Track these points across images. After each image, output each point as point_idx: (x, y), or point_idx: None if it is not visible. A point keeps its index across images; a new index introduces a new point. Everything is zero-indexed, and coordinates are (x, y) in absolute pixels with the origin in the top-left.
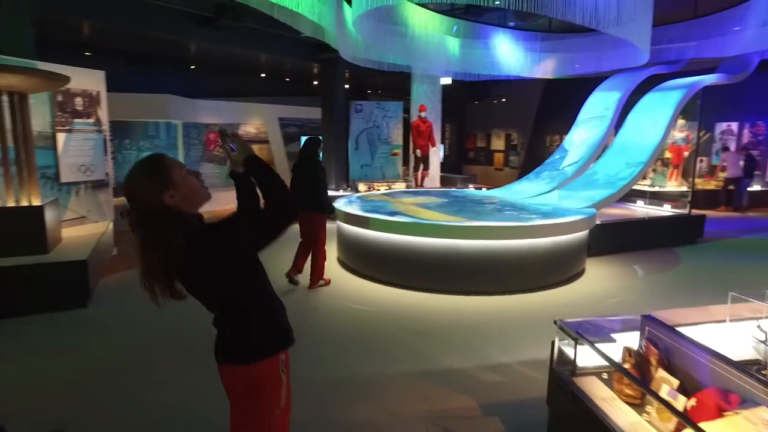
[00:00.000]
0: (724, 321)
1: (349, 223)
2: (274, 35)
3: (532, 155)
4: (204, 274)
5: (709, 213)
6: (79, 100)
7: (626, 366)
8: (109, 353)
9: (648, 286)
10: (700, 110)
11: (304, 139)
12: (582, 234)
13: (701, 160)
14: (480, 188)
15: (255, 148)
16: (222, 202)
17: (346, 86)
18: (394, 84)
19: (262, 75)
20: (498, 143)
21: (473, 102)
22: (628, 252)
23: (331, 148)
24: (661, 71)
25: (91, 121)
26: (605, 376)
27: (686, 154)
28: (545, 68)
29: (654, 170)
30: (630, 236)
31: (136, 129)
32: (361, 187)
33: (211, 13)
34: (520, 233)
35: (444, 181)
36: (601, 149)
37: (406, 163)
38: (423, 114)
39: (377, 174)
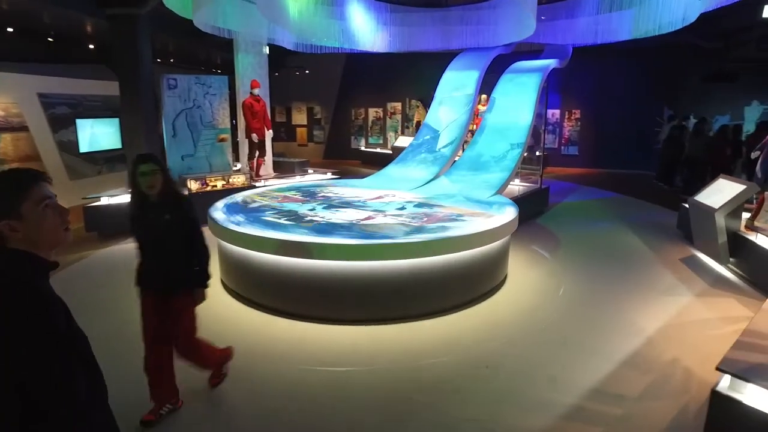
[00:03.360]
0: None
1: (281, 254)
2: None
3: (338, 129)
4: None
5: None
6: None
7: None
8: None
9: (565, 267)
10: (547, 91)
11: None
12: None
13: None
14: (325, 173)
15: (6, 137)
16: None
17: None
18: (189, 50)
19: (9, 29)
20: (300, 117)
21: (273, 73)
22: None
23: (141, 136)
24: (502, 52)
25: None
26: None
27: None
28: (390, 41)
29: None
30: None
31: None
32: (192, 184)
33: None
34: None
35: (277, 167)
36: (468, 129)
37: (236, 149)
38: (256, 91)
39: (203, 165)
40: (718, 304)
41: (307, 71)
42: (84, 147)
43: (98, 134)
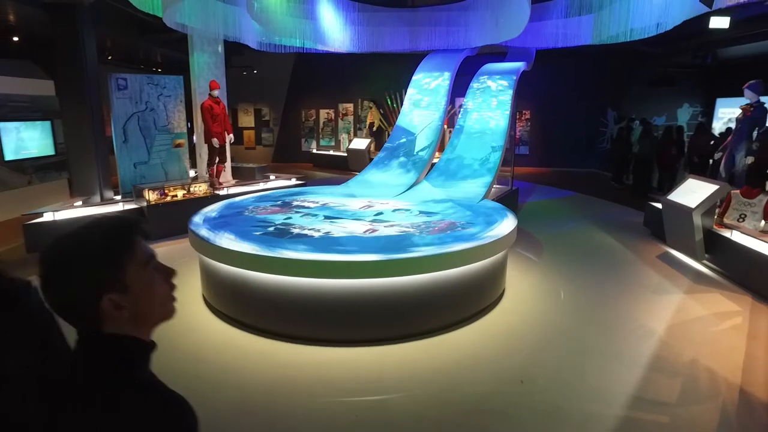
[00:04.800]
0: None
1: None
2: None
3: (288, 131)
4: None
5: None
6: None
7: None
8: None
9: (556, 270)
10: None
11: None
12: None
13: (450, 131)
14: (290, 179)
15: None
16: None
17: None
18: (127, 47)
19: None
20: (247, 119)
21: None
22: None
23: (88, 141)
24: (469, 54)
25: None
26: None
27: (445, 126)
28: (358, 41)
29: None
30: None
31: None
32: (150, 195)
33: None
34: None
35: (236, 173)
36: (442, 132)
37: (192, 155)
38: (215, 92)
39: (158, 173)
40: (707, 300)
41: (255, 71)
42: (9, 154)
43: (26, 139)
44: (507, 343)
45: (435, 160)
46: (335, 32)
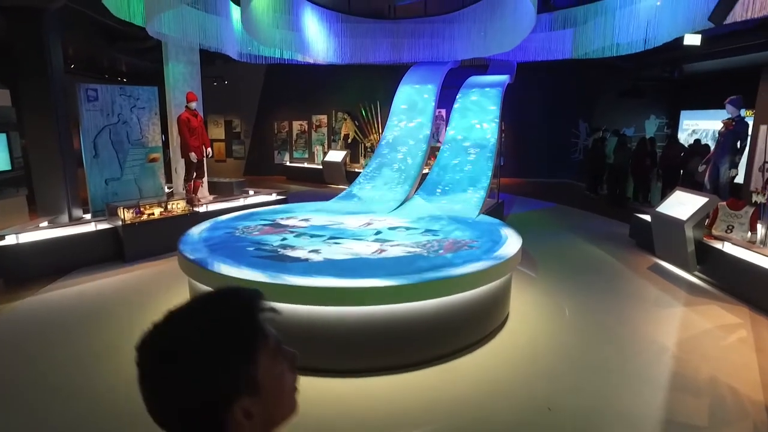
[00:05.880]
0: None
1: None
2: None
3: (260, 143)
4: None
5: None
6: None
7: None
8: None
9: (554, 285)
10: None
11: None
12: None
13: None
14: (270, 194)
15: None
16: None
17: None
18: (91, 56)
19: None
20: (217, 131)
21: None
22: None
23: (54, 156)
24: (452, 66)
25: None
26: None
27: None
28: (341, 52)
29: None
30: None
31: None
32: (125, 214)
33: None
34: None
35: (213, 189)
36: (430, 144)
37: (168, 170)
38: (193, 105)
39: (131, 190)
40: (707, 312)
41: (225, 81)
42: None
43: None
44: (523, 366)
45: (425, 171)
46: (319, 43)
